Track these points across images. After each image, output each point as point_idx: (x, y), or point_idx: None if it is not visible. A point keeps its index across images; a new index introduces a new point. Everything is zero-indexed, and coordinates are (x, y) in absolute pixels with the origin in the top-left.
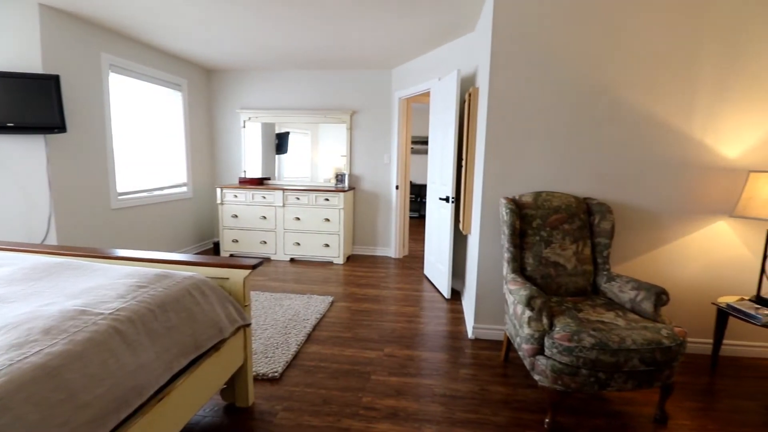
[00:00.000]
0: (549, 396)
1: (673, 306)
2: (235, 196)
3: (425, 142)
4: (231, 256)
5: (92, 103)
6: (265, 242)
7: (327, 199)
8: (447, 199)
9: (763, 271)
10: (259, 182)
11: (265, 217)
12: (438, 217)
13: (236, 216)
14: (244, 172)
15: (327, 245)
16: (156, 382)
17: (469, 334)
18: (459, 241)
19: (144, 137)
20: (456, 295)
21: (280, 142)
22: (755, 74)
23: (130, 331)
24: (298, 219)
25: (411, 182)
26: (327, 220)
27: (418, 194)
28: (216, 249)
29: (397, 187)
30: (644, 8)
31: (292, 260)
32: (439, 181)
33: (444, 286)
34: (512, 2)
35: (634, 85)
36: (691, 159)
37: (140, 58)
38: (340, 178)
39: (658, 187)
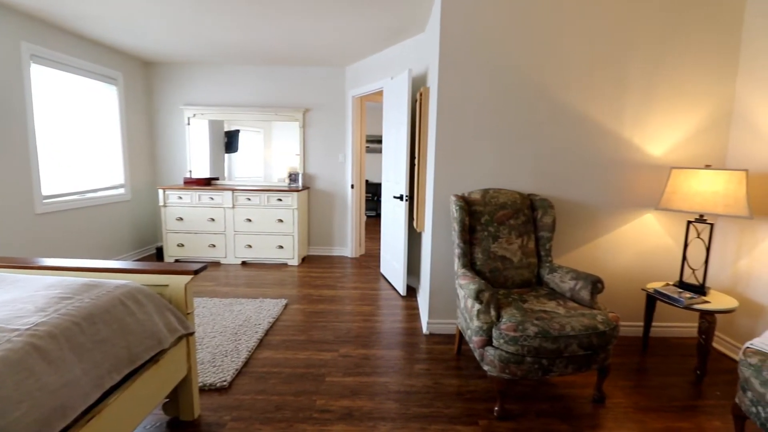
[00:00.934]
0: (497, 385)
1: (608, 293)
2: (180, 198)
3: (380, 140)
4: (176, 261)
5: (11, 97)
6: (213, 245)
7: (280, 200)
8: (401, 197)
9: (684, 258)
10: (207, 182)
11: (213, 219)
12: (393, 215)
13: (181, 219)
14: (190, 172)
15: (281, 247)
16: (84, 401)
17: (424, 330)
18: (414, 238)
19: (75, 135)
20: (411, 291)
21: (230, 141)
22: (675, 80)
23: (51, 347)
24: (249, 220)
25: (367, 181)
26: (280, 220)
27: (374, 193)
28: (159, 254)
29: (352, 186)
30: (581, 16)
31: (243, 263)
32: (394, 180)
33: (399, 283)
34: (458, 6)
35: (571, 88)
36: (622, 157)
37: (68, 49)
38: (293, 177)
39: (593, 183)
